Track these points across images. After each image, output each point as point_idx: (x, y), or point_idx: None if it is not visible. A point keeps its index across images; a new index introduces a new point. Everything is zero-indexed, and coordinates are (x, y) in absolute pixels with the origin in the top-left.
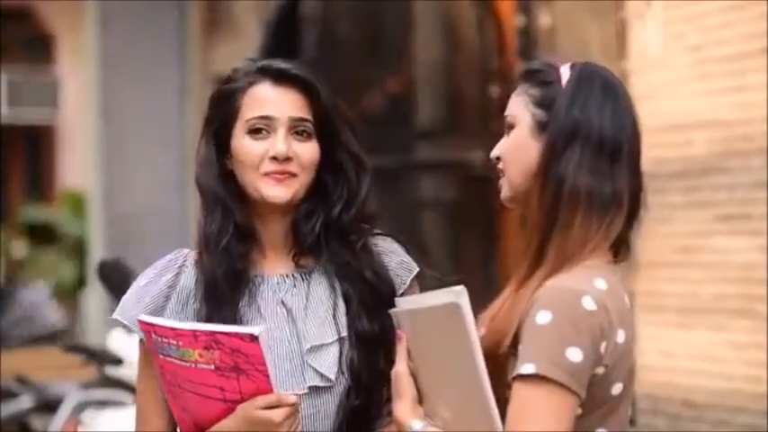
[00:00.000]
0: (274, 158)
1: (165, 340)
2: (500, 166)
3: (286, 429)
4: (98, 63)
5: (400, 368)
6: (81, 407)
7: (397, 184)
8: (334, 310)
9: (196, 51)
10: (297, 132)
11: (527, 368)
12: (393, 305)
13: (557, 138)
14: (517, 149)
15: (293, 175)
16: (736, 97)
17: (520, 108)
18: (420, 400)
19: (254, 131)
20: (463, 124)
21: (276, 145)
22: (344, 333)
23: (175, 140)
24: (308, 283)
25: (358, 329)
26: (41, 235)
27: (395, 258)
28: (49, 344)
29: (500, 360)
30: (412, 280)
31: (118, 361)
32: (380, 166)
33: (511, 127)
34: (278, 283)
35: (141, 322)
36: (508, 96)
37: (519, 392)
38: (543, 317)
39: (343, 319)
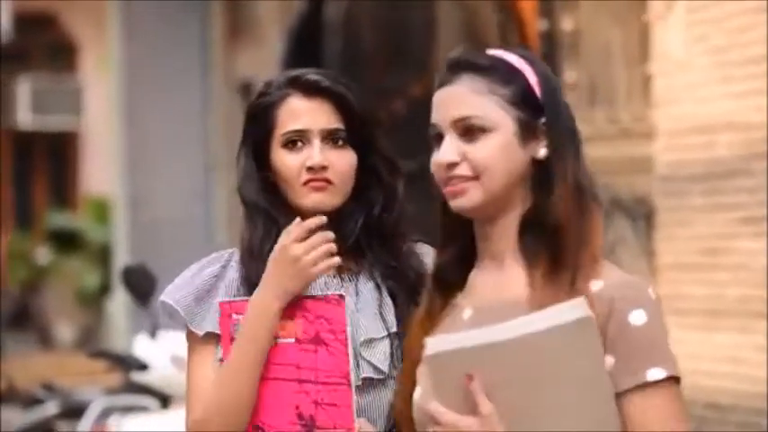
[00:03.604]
0: (311, 168)
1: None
2: (464, 172)
3: (305, 265)
4: (121, 70)
5: (485, 409)
6: (106, 412)
7: (420, 188)
8: (381, 307)
9: (219, 58)
10: (332, 141)
11: (656, 373)
12: None
13: (562, 140)
14: (503, 155)
15: (330, 182)
16: (760, 99)
17: (493, 109)
18: None
19: (290, 144)
20: None
21: (312, 156)
22: (393, 329)
23: (199, 146)
24: (355, 283)
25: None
26: (65, 241)
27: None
28: None
29: None
30: None
31: (143, 366)
32: (404, 171)
33: (483, 130)
34: (326, 283)
35: (222, 303)
36: None
37: (653, 400)
38: (639, 317)
39: (390, 317)
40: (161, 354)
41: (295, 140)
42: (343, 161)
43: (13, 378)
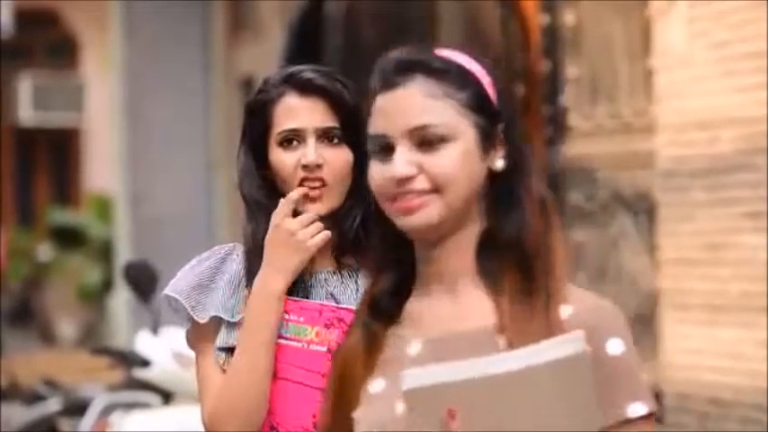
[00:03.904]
0: (306, 167)
1: (285, 316)
2: (422, 185)
3: (302, 238)
4: (123, 67)
5: None
6: (109, 409)
7: None
8: None
9: (220, 54)
10: (327, 139)
11: (638, 409)
12: None
13: (521, 149)
14: (464, 166)
15: (324, 184)
16: (762, 94)
17: (452, 116)
18: None
19: (286, 143)
20: None
21: (307, 154)
22: None
23: (200, 142)
24: (355, 279)
25: None
26: (67, 238)
27: None
28: None
29: None
30: None
31: (145, 363)
32: None
33: (442, 139)
34: (325, 279)
35: None
36: (534, 95)
37: None
38: (616, 346)
39: None
40: (163, 350)
41: (290, 139)
42: (338, 159)
43: (15, 375)
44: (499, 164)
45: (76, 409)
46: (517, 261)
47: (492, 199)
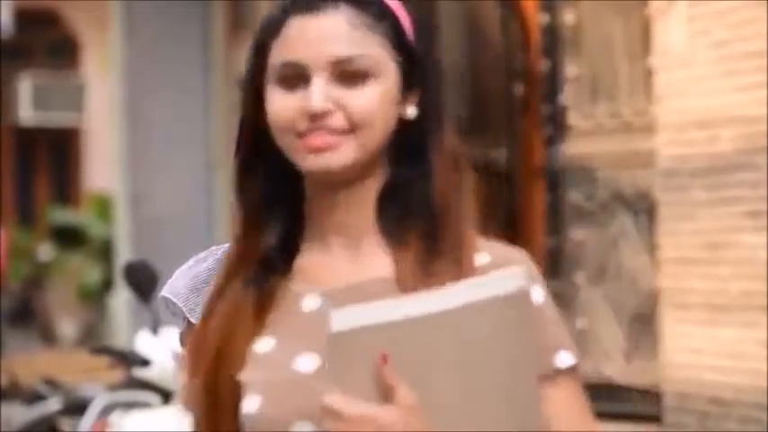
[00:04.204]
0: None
1: None
2: (338, 123)
3: None
4: (123, 66)
5: (406, 400)
6: (109, 409)
7: None
8: None
9: (221, 55)
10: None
11: (565, 359)
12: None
13: (436, 98)
14: (383, 107)
15: None
16: (762, 93)
17: (378, 51)
18: None
19: None
20: (487, 123)
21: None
22: None
23: (200, 142)
24: None
25: None
26: (67, 238)
27: None
28: None
29: None
30: None
31: (145, 362)
32: None
33: (365, 75)
34: None
35: None
36: (533, 95)
37: (564, 390)
38: (537, 294)
39: None
40: (163, 350)
41: None
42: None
43: (15, 374)
44: (411, 111)
45: (76, 408)
46: (423, 216)
47: (398, 149)
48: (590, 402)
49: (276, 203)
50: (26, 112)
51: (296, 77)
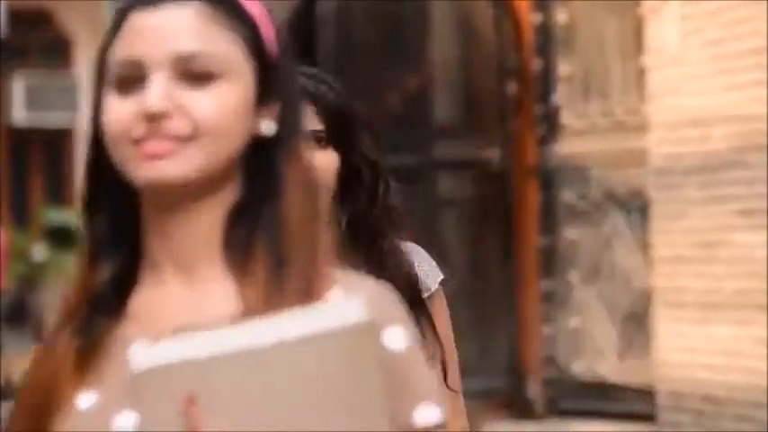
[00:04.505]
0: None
1: None
2: (178, 128)
3: None
4: None
5: None
6: None
7: (415, 182)
8: None
9: None
10: (315, 141)
11: (429, 414)
12: (422, 306)
13: (297, 114)
14: (235, 114)
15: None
16: (756, 91)
17: (231, 49)
18: None
19: None
20: (480, 122)
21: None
22: None
23: None
24: None
25: None
26: (62, 238)
27: (423, 264)
28: None
29: None
30: (437, 287)
31: None
32: (398, 165)
33: (212, 76)
34: None
35: None
36: (526, 94)
37: None
38: (396, 337)
39: None
40: None
41: None
42: (323, 163)
43: (10, 374)
44: (268, 126)
45: None
46: (272, 242)
47: (250, 168)
48: (584, 402)
49: (119, 235)
50: (20, 113)
51: (133, 79)
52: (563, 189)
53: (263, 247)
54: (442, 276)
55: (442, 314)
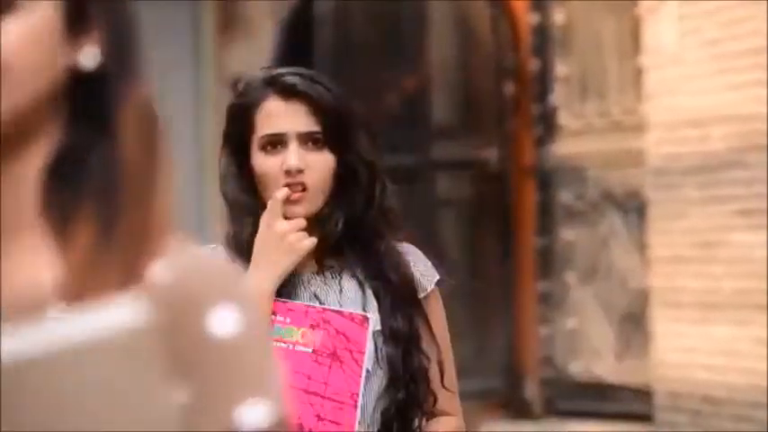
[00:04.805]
0: (288, 172)
1: (272, 317)
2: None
3: (293, 240)
4: None
5: None
6: None
7: (412, 182)
8: (365, 306)
9: (211, 53)
10: (310, 143)
11: (254, 414)
12: (418, 306)
13: (128, 32)
14: (36, 49)
15: (305, 188)
16: (755, 91)
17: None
18: None
19: (269, 146)
20: (478, 122)
21: (288, 159)
22: (378, 327)
23: (191, 142)
24: (338, 281)
25: (393, 327)
26: None
27: (419, 265)
28: None
29: None
30: (433, 288)
31: None
32: (396, 165)
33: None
34: (308, 280)
35: None
36: (524, 94)
37: None
38: (223, 321)
39: (374, 315)
40: None
41: (273, 143)
42: (319, 164)
43: None
44: (89, 58)
45: None
46: (99, 197)
47: (75, 110)
48: (582, 402)
49: None
50: None
51: None
52: (560, 189)
53: (88, 206)
54: (437, 277)
55: (438, 314)
